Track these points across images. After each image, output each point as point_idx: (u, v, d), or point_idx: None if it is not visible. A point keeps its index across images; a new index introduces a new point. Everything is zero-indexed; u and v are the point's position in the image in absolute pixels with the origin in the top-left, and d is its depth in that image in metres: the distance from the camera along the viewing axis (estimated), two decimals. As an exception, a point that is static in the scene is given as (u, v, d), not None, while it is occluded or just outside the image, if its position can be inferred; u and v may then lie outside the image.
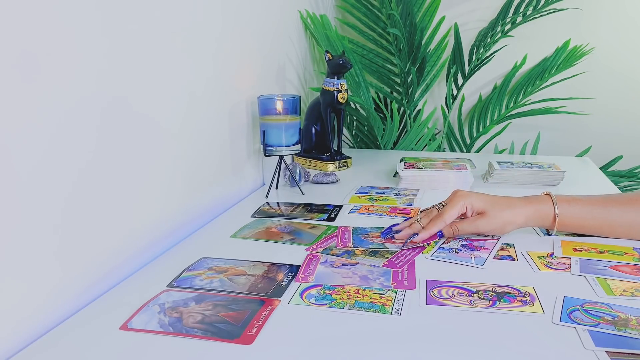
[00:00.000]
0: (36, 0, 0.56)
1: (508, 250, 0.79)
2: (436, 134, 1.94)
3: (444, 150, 1.87)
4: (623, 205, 0.80)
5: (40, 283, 0.59)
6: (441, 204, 0.83)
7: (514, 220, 0.80)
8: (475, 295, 0.64)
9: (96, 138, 0.67)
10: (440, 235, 0.80)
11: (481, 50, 1.78)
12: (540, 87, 1.78)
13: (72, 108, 0.62)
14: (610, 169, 1.81)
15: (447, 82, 1.82)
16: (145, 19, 0.76)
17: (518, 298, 0.64)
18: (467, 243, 0.81)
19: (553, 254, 0.77)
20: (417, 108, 1.87)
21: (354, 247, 0.79)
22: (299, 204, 1.03)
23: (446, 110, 1.86)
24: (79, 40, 0.62)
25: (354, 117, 1.77)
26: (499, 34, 1.77)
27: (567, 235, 0.84)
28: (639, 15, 1.78)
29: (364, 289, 0.66)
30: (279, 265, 0.74)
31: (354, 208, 1.00)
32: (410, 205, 1.01)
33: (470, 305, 0.62)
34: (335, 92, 1.26)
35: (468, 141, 1.89)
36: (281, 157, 1.11)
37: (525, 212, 0.80)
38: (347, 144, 1.85)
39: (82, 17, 0.63)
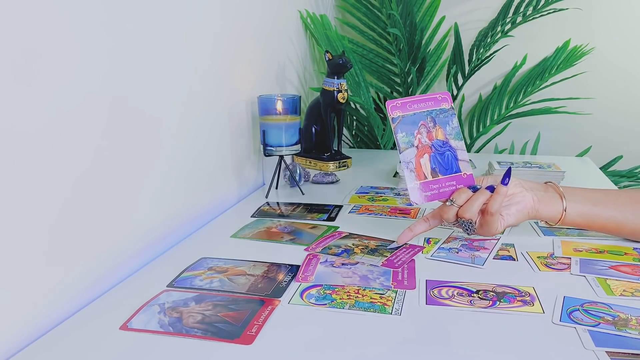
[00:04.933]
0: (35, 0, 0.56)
1: (508, 250, 0.79)
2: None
3: (444, 150, 1.87)
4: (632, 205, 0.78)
5: (40, 283, 0.59)
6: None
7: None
8: (475, 295, 0.64)
9: (97, 138, 0.66)
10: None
11: (481, 50, 1.78)
12: (540, 87, 1.78)
13: (72, 109, 0.62)
14: (610, 169, 1.81)
15: (447, 82, 1.82)
16: (144, 19, 0.76)
17: (518, 298, 0.64)
18: (467, 243, 0.81)
19: (553, 254, 0.77)
20: (417, 108, 1.87)
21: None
22: (299, 204, 1.03)
23: (446, 110, 1.86)
24: (77, 40, 0.62)
25: (354, 117, 1.77)
26: (499, 34, 1.77)
27: (567, 235, 0.85)
28: (639, 15, 1.78)
29: (364, 289, 0.66)
30: (279, 265, 0.74)
31: (354, 208, 1.00)
32: (411, 205, 1.01)
33: (470, 305, 0.62)
34: (335, 92, 1.26)
35: (468, 141, 1.89)
36: (281, 157, 1.11)
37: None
38: (347, 144, 1.85)
39: (80, 16, 0.63)
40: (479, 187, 0.76)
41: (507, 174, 0.74)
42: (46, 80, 0.58)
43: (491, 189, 0.75)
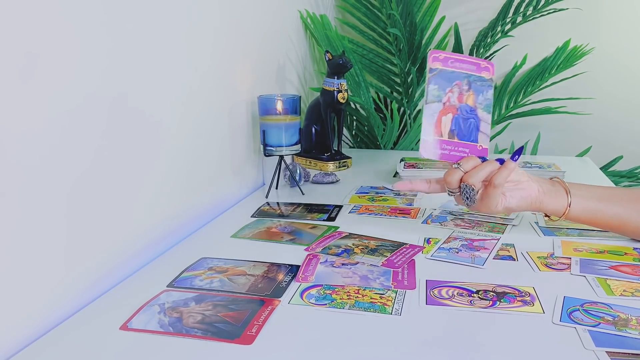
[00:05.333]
0: (35, 0, 0.56)
1: (508, 250, 0.79)
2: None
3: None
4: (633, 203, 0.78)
5: (40, 283, 0.59)
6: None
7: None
8: (475, 295, 0.64)
9: (97, 138, 0.67)
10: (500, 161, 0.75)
11: (481, 50, 1.78)
12: (540, 87, 1.78)
13: (73, 109, 0.62)
14: (610, 169, 1.81)
15: (447, 82, 1.82)
16: (144, 19, 0.76)
17: (518, 298, 0.64)
18: (467, 243, 0.81)
19: (553, 254, 0.77)
20: (417, 108, 1.87)
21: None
22: (299, 204, 1.03)
23: (446, 110, 1.86)
24: (77, 40, 0.62)
25: (354, 117, 1.77)
26: (499, 34, 1.77)
27: (567, 235, 0.84)
28: (639, 15, 1.78)
29: (364, 289, 0.66)
30: (279, 265, 0.74)
31: (354, 208, 1.00)
32: (410, 205, 1.01)
33: (470, 305, 0.62)
34: (335, 92, 1.26)
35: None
36: (281, 157, 1.11)
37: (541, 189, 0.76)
38: (347, 144, 1.85)
39: (80, 16, 0.63)
40: (488, 158, 0.75)
41: (518, 152, 0.73)
42: (46, 81, 0.58)
43: (501, 161, 0.74)
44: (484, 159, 0.75)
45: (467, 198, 0.74)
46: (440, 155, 0.75)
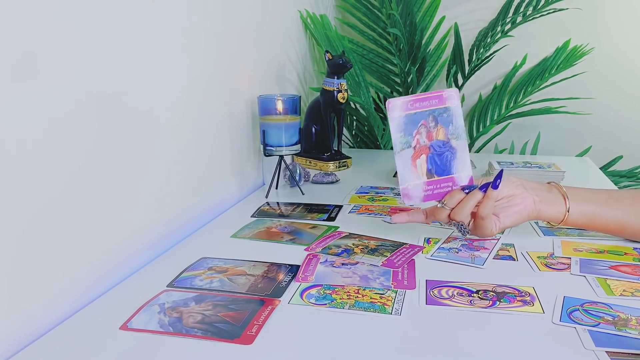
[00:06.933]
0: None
1: (508, 250, 0.79)
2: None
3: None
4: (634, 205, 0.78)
5: (40, 283, 0.59)
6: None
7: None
8: (475, 295, 0.64)
9: (95, 137, 0.66)
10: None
11: (481, 50, 1.78)
12: (540, 87, 1.78)
13: (71, 107, 0.62)
14: (610, 169, 1.81)
15: (447, 82, 1.82)
16: (144, 19, 0.76)
17: (518, 298, 0.64)
18: (467, 243, 0.81)
19: (553, 254, 0.77)
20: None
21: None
22: (299, 204, 1.03)
23: (446, 110, 1.85)
24: (77, 40, 0.62)
25: (354, 117, 1.77)
26: (499, 34, 1.77)
27: (567, 235, 0.84)
28: (639, 15, 1.78)
29: (364, 289, 0.66)
30: (279, 265, 0.74)
31: (354, 208, 1.00)
32: (411, 205, 1.01)
33: (470, 305, 0.62)
34: (335, 92, 1.26)
35: (468, 141, 1.89)
36: (281, 157, 1.11)
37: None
38: (347, 144, 1.85)
39: (81, 16, 0.63)
40: (476, 186, 0.75)
41: (499, 177, 0.73)
42: (44, 80, 0.58)
43: (485, 187, 0.74)
44: (470, 187, 0.75)
45: (460, 231, 0.77)
46: (424, 198, 0.76)
